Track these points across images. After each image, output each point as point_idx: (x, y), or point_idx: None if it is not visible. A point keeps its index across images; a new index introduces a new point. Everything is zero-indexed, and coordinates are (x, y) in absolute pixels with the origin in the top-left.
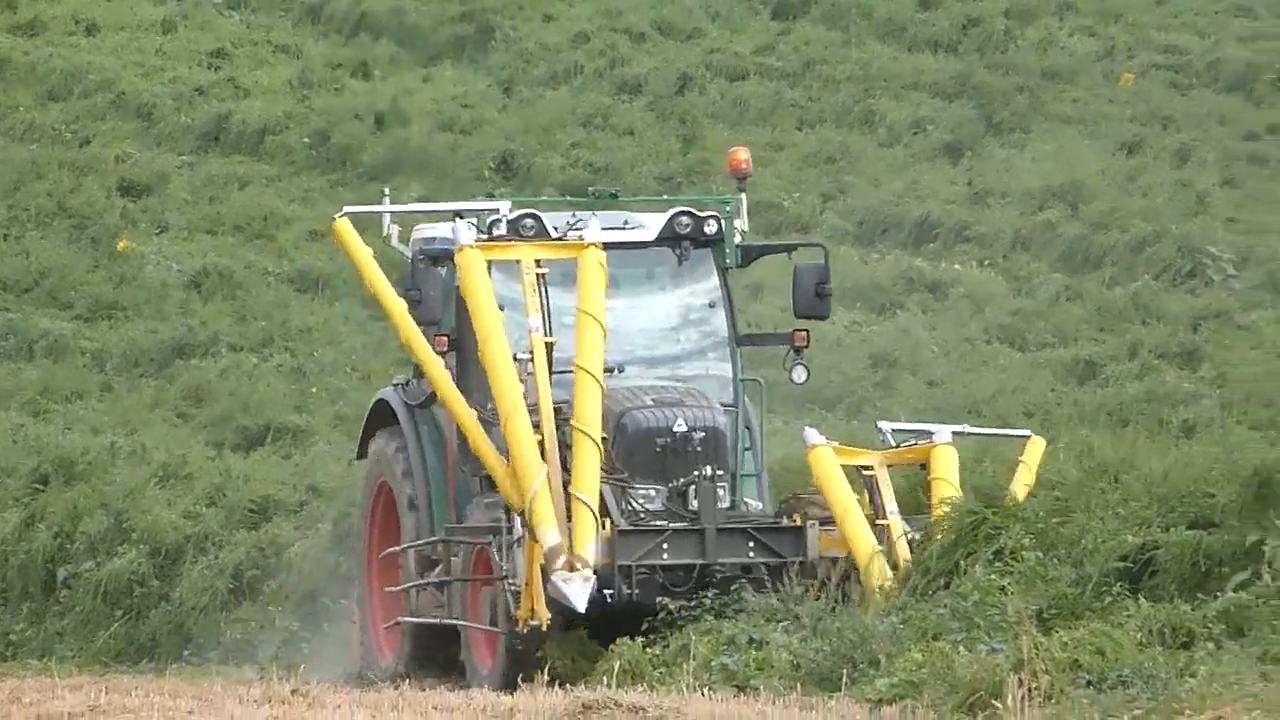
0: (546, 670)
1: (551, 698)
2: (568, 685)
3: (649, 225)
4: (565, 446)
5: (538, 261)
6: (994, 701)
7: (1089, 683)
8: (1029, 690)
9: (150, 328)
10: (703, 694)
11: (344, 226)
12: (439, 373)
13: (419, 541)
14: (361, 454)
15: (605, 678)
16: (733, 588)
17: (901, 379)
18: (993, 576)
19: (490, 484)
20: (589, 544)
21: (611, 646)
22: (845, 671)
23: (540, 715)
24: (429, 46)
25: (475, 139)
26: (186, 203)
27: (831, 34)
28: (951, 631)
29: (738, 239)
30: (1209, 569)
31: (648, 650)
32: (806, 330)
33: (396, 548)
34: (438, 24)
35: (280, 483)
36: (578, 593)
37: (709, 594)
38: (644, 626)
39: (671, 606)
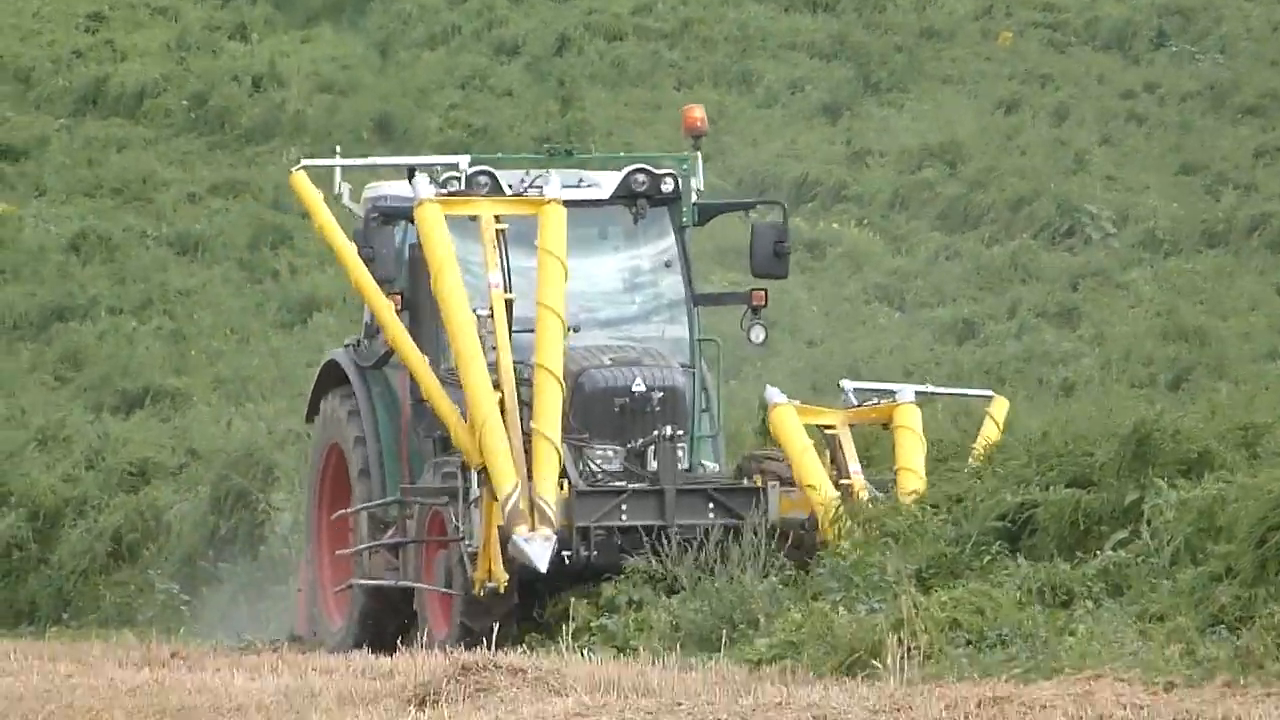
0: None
1: (430, 660)
2: (456, 649)
3: (604, 183)
4: (524, 405)
5: (497, 218)
6: (873, 661)
7: (968, 642)
8: (908, 650)
9: (28, 291)
10: (582, 655)
11: (300, 180)
12: (398, 330)
13: (373, 503)
14: (310, 416)
15: (485, 639)
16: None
17: (781, 340)
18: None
19: (445, 445)
20: (551, 485)
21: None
22: (725, 632)
23: (420, 676)
24: (306, 9)
25: (353, 101)
26: (65, 166)
27: None
28: (831, 591)
29: (694, 197)
30: (1088, 528)
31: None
32: (764, 290)
33: (350, 509)
34: None
35: (159, 445)
36: (539, 553)
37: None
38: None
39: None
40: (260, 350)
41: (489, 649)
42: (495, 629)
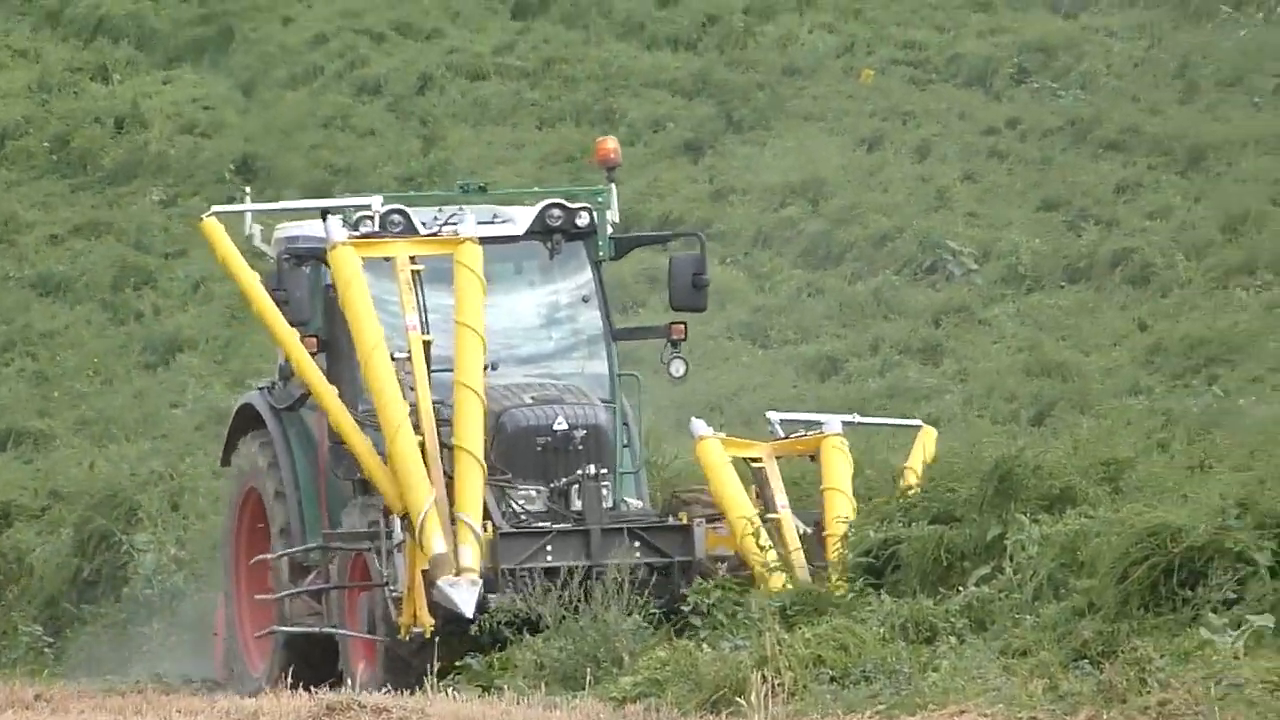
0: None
1: (296, 700)
2: (319, 689)
3: (518, 219)
4: (444, 446)
5: (412, 258)
6: (738, 698)
7: (832, 678)
8: (772, 687)
9: None
10: (447, 694)
11: (212, 226)
12: (315, 374)
13: (294, 549)
14: (226, 460)
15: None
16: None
17: (644, 376)
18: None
19: (364, 487)
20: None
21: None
22: (589, 670)
23: (285, 717)
24: (169, 49)
25: (216, 141)
26: None
27: (571, 33)
28: (695, 629)
29: (610, 230)
30: (951, 563)
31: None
32: (684, 323)
33: (270, 555)
34: (177, 27)
35: (21, 487)
36: (465, 598)
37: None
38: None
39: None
40: (124, 391)
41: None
42: (425, 674)
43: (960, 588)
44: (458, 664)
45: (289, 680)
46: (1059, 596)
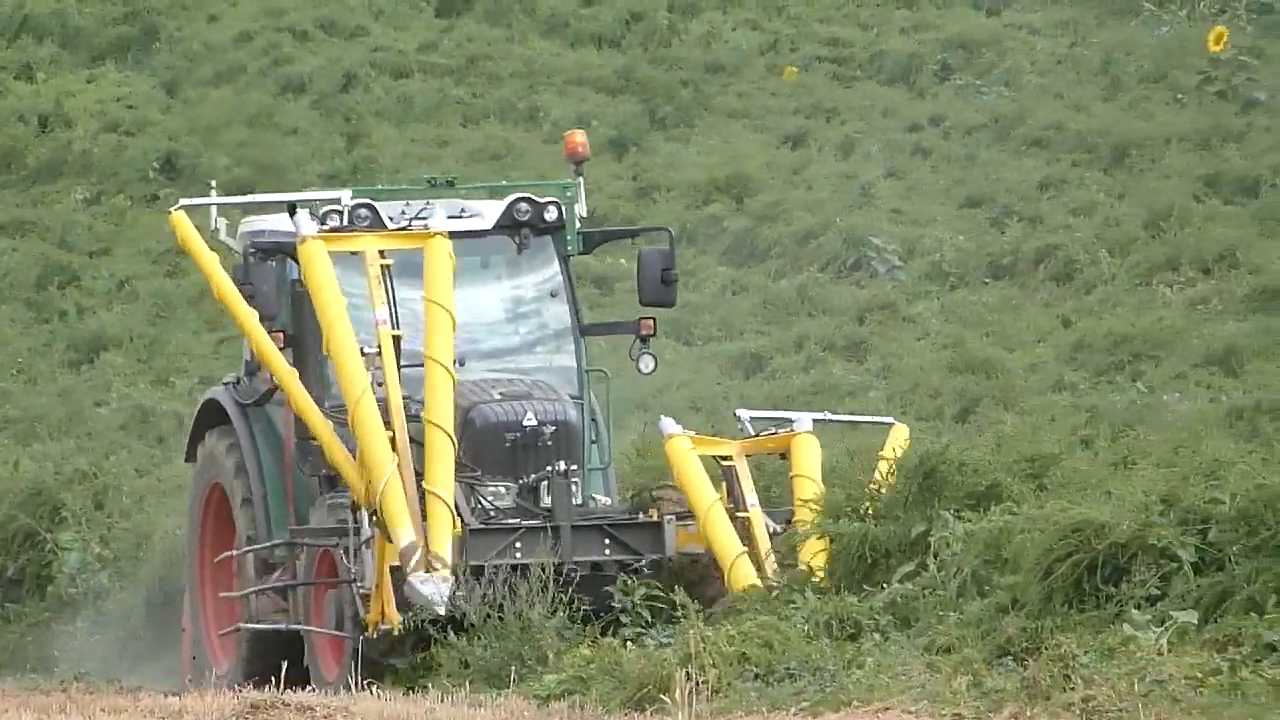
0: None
1: (220, 699)
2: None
3: (486, 213)
4: (415, 443)
5: (382, 253)
6: (662, 696)
7: (757, 675)
8: (696, 684)
9: None
10: (371, 693)
11: (180, 219)
12: (283, 368)
13: (259, 545)
14: (190, 456)
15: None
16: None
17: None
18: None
19: (331, 483)
20: (445, 542)
21: None
22: (514, 669)
23: (208, 716)
24: (92, 48)
25: (140, 140)
26: None
27: (495, 30)
28: (620, 626)
29: (578, 225)
30: (875, 560)
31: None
32: (653, 318)
33: (235, 551)
34: (101, 25)
35: None
36: (436, 594)
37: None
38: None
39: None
40: (48, 390)
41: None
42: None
43: (885, 585)
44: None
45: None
46: (983, 593)
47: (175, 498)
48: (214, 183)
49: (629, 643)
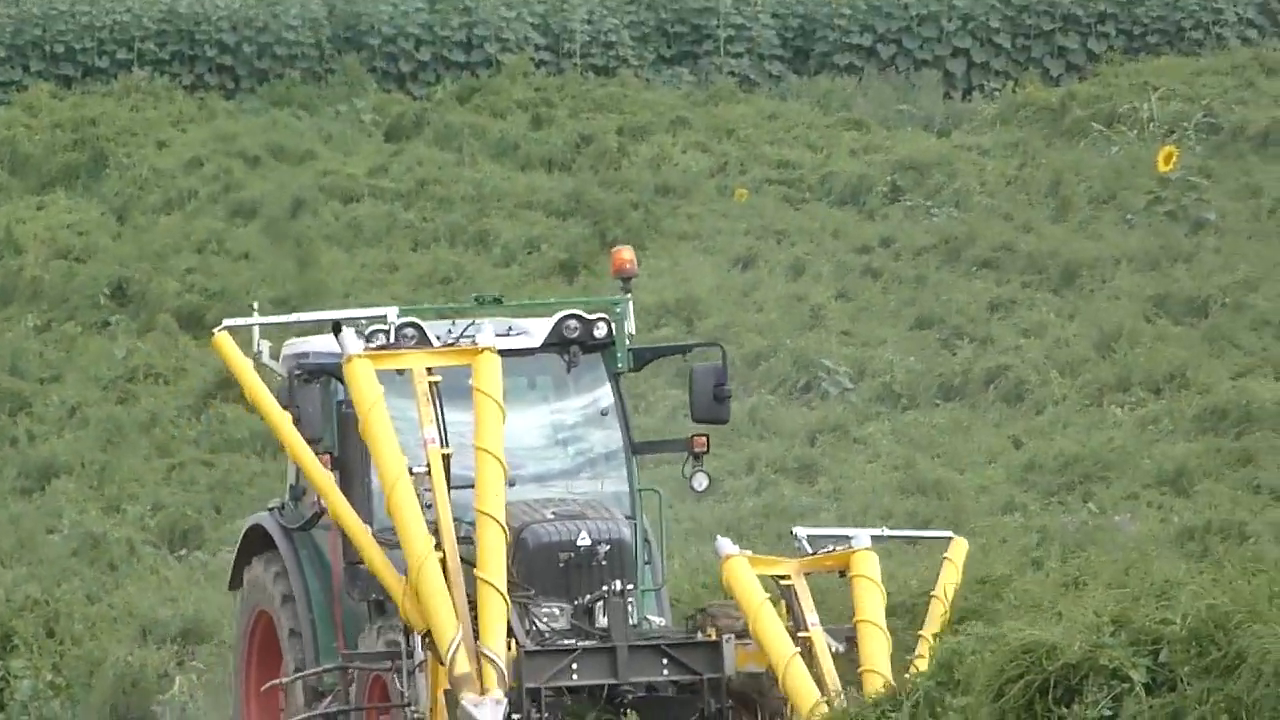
0: None
1: None
2: None
3: (533, 330)
4: (466, 564)
5: (429, 370)
6: None
7: None
8: None
9: None
10: None
11: (224, 340)
12: (332, 491)
13: (309, 670)
14: (235, 584)
15: None
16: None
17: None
18: None
19: (381, 609)
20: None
21: None
22: None
23: None
24: (42, 174)
25: (90, 266)
26: None
27: (444, 154)
28: None
29: (628, 342)
30: None
31: None
32: (706, 435)
33: (284, 679)
34: (50, 152)
35: None
36: (490, 718)
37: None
38: None
39: None
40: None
41: None
42: None
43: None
44: None
45: None
46: (935, 715)
47: (126, 625)
48: (255, 304)
49: None
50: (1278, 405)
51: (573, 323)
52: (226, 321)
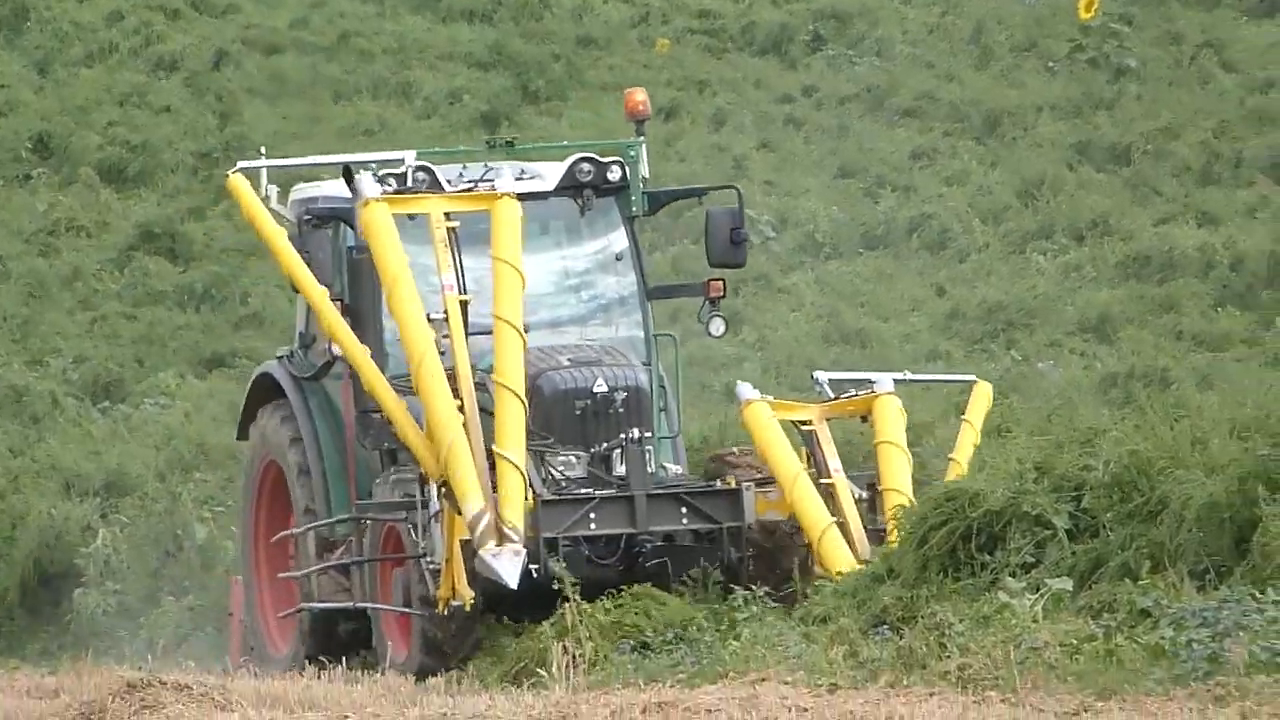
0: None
1: (97, 676)
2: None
3: (547, 175)
4: (485, 412)
5: (447, 215)
6: (539, 670)
7: (633, 648)
8: (573, 657)
9: None
10: (249, 671)
11: (238, 182)
12: (348, 336)
13: (321, 521)
14: (242, 434)
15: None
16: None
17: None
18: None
19: (394, 458)
20: (519, 508)
21: None
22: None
23: (85, 695)
24: None
25: (11, 120)
26: None
27: (366, 7)
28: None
29: (642, 185)
30: None
31: None
32: (722, 279)
33: (295, 530)
34: None
35: None
36: (509, 568)
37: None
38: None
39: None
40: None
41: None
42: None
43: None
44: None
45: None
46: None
47: (49, 478)
48: (263, 148)
49: (505, 617)
50: (1199, 252)
51: (586, 166)
52: (241, 163)
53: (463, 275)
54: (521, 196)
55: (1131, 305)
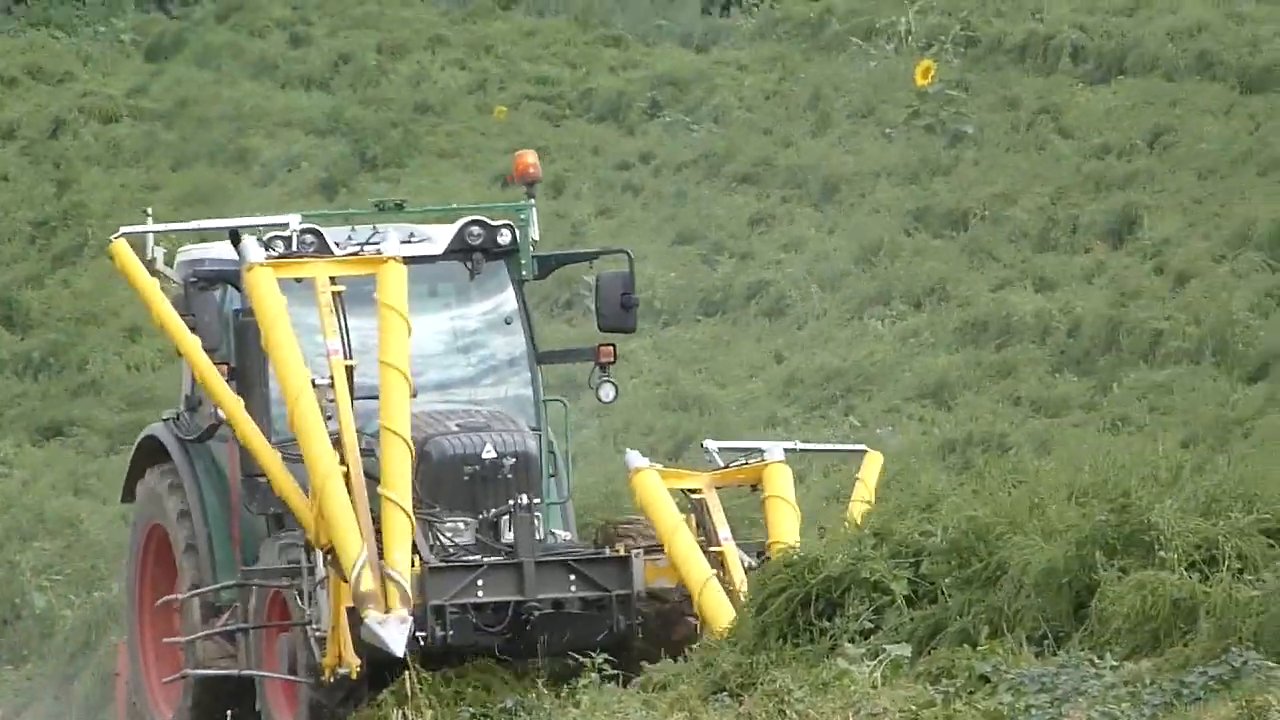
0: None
1: None
2: None
3: (436, 237)
4: (370, 477)
5: (332, 279)
6: None
7: (473, 716)
8: None
9: None
10: None
11: (121, 248)
12: (232, 402)
13: (207, 587)
14: (128, 496)
15: None
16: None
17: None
18: None
19: (279, 522)
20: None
21: None
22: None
23: None
24: None
25: None
26: None
27: (204, 74)
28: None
29: (532, 249)
30: None
31: None
32: (613, 345)
33: (179, 595)
34: None
35: None
36: (395, 636)
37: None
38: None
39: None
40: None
41: None
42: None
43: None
44: None
45: None
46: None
47: None
48: (149, 210)
49: None
50: (1036, 317)
51: (476, 229)
52: (124, 229)
53: (348, 339)
54: (410, 260)
55: (969, 371)
